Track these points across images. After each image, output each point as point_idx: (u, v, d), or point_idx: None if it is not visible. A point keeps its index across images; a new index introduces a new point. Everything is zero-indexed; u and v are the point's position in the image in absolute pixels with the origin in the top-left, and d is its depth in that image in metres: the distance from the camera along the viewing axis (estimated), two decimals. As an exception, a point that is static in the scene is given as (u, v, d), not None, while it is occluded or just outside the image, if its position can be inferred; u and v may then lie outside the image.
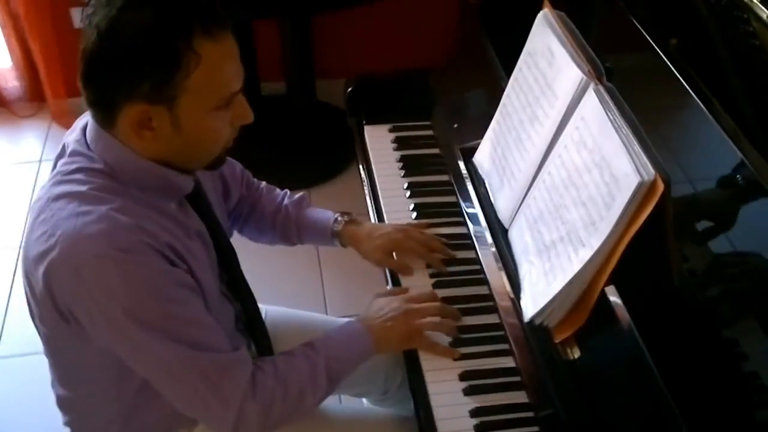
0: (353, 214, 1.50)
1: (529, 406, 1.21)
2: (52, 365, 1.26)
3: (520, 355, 1.26)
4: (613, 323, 1.10)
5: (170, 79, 1.01)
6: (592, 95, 1.17)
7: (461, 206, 1.53)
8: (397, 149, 1.72)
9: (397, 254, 1.44)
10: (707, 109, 1.13)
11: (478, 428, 1.18)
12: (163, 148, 1.08)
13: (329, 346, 1.23)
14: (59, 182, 1.09)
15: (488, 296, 1.37)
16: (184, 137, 1.07)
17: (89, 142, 1.10)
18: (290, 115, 3.00)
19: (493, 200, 1.42)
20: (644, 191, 1.02)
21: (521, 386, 1.23)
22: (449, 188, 1.60)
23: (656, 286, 1.10)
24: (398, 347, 1.29)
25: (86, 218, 1.03)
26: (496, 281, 1.35)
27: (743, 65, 1.20)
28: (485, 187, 1.47)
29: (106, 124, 1.08)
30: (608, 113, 1.13)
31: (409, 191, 1.60)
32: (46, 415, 2.03)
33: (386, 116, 1.81)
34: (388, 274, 1.47)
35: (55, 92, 2.93)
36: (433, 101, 1.81)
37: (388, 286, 1.44)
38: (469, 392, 1.23)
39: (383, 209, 1.57)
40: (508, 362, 1.27)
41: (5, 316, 2.35)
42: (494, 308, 1.35)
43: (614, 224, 1.06)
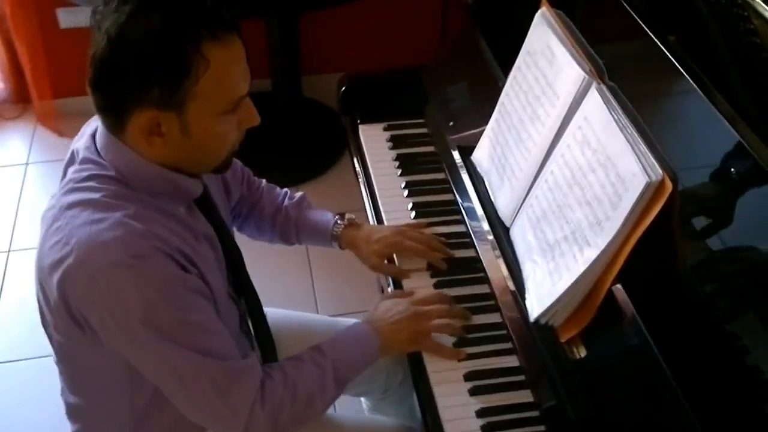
0: (354, 217, 1.49)
1: (534, 405, 1.21)
2: (63, 373, 1.25)
3: (524, 354, 1.26)
4: (619, 322, 1.11)
5: (180, 84, 1.01)
6: (594, 94, 1.17)
7: (459, 204, 1.53)
8: (392, 148, 1.71)
9: (397, 256, 1.43)
10: (704, 93, 1.13)
11: (485, 429, 1.18)
12: (172, 153, 1.08)
13: (336, 349, 1.22)
14: (72, 190, 1.09)
15: (489, 295, 1.37)
16: (192, 142, 1.07)
17: (100, 148, 1.10)
18: (276, 112, 2.99)
19: (493, 198, 1.42)
20: (652, 191, 1.03)
21: (526, 385, 1.23)
22: (446, 186, 1.60)
23: (663, 283, 1.10)
24: (405, 349, 1.29)
25: (100, 225, 1.03)
26: (497, 280, 1.35)
27: (744, 63, 1.20)
28: (485, 185, 1.46)
29: (115, 129, 1.08)
30: (612, 113, 1.13)
31: (406, 190, 1.60)
32: (37, 420, 2.05)
33: (380, 115, 1.80)
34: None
35: (40, 93, 2.89)
36: (426, 99, 1.81)
37: (389, 288, 1.44)
38: (474, 392, 1.23)
39: (381, 209, 1.57)
40: (512, 361, 1.27)
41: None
42: (496, 307, 1.35)
43: (621, 224, 1.06)
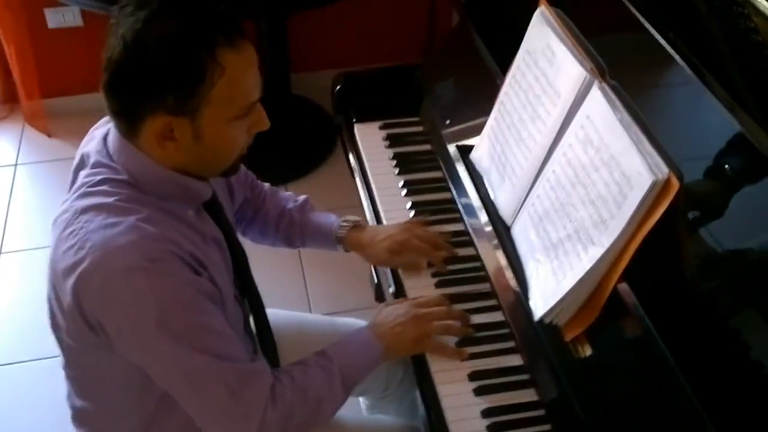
0: (359, 219, 1.49)
1: (539, 404, 1.21)
2: (71, 377, 1.25)
3: (527, 352, 1.26)
4: (624, 320, 1.11)
5: (195, 91, 1.02)
6: (597, 93, 1.17)
7: (458, 203, 1.53)
8: (389, 147, 1.71)
9: (402, 254, 1.43)
10: (703, 82, 1.13)
11: (490, 429, 1.18)
12: (183, 157, 1.09)
13: (341, 354, 1.23)
14: (84, 195, 1.09)
15: (490, 294, 1.37)
16: (204, 146, 1.08)
17: (112, 152, 1.11)
18: (265, 109, 2.97)
19: (493, 197, 1.42)
20: (658, 189, 1.03)
21: (530, 384, 1.24)
22: (444, 185, 1.60)
23: (669, 281, 1.10)
24: (408, 352, 1.29)
25: (115, 229, 1.03)
26: (498, 278, 1.35)
27: (744, 60, 1.21)
28: (484, 183, 1.46)
29: (129, 134, 1.09)
30: (615, 111, 1.13)
31: (405, 189, 1.60)
32: (32, 424, 2.04)
33: (375, 113, 1.80)
34: (389, 274, 1.46)
35: (29, 93, 2.87)
36: (421, 96, 1.80)
37: (391, 288, 1.43)
38: (479, 392, 1.23)
39: (380, 208, 1.57)
40: (515, 360, 1.28)
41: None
42: (498, 306, 1.35)
43: (626, 222, 1.06)
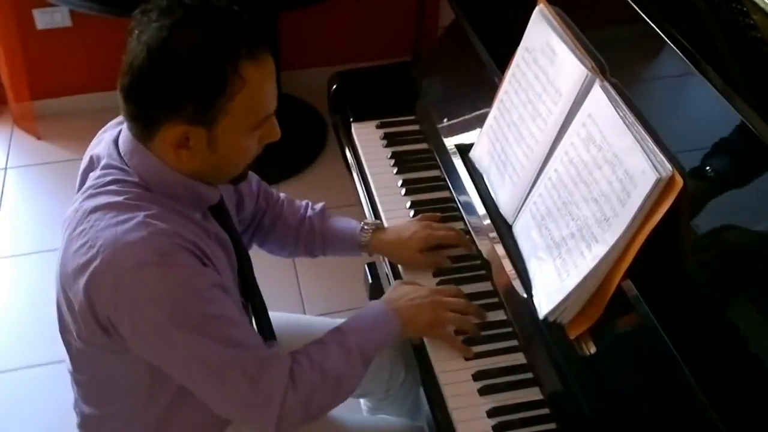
0: (379, 222, 1.49)
1: (545, 402, 1.21)
2: (79, 383, 1.25)
3: (531, 351, 1.27)
4: (629, 317, 1.11)
5: (214, 102, 1.03)
6: (598, 91, 1.17)
7: (457, 201, 1.53)
8: (387, 146, 1.71)
9: (430, 252, 1.43)
10: (701, 72, 1.13)
11: (496, 428, 1.18)
12: (195, 164, 1.10)
13: (358, 329, 1.23)
14: (93, 195, 1.10)
15: (492, 292, 1.37)
16: (217, 155, 1.09)
17: (123, 154, 1.11)
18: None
19: (494, 196, 1.42)
20: (661, 187, 1.03)
21: (535, 383, 1.24)
22: (443, 184, 1.60)
23: (672, 278, 1.10)
24: (421, 333, 1.29)
25: (125, 226, 1.04)
26: (500, 277, 1.35)
27: (743, 56, 1.21)
28: (484, 182, 1.46)
29: (143, 138, 1.09)
30: (617, 109, 1.13)
31: (404, 188, 1.60)
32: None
33: (371, 112, 1.79)
34: (388, 269, 1.47)
35: (17, 95, 2.84)
36: (416, 95, 1.80)
37: (394, 281, 1.42)
38: (484, 392, 1.23)
39: (380, 208, 1.57)
40: (519, 359, 1.28)
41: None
42: (500, 304, 1.35)
43: (630, 220, 1.07)
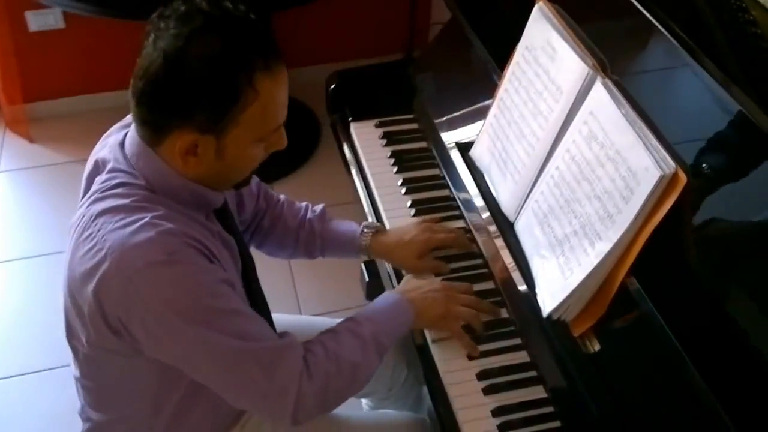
0: (380, 224, 1.49)
1: (549, 400, 1.21)
2: (86, 389, 1.24)
3: (534, 349, 1.27)
4: (633, 314, 1.11)
5: (226, 113, 1.03)
6: (600, 89, 1.17)
7: (457, 200, 1.53)
8: (386, 145, 1.71)
9: (428, 256, 1.43)
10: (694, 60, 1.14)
11: (501, 427, 1.18)
12: (202, 170, 1.11)
13: (372, 319, 1.23)
14: (99, 199, 1.09)
15: (494, 291, 1.37)
16: (224, 163, 1.10)
17: (130, 156, 1.11)
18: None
19: (495, 194, 1.42)
20: (665, 184, 1.03)
21: (539, 381, 1.24)
22: (443, 182, 1.60)
23: (676, 275, 1.10)
24: (433, 325, 1.30)
25: (132, 228, 1.04)
26: (502, 275, 1.35)
27: (743, 53, 1.21)
28: (485, 180, 1.46)
29: (152, 142, 1.09)
30: (619, 107, 1.13)
31: (404, 188, 1.59)
32: None
33: (370, 112, 1.79)
34: (390, 268, 1.47)
35: (10, 98, 2.82)
36: (413, 93, 1.80)
37: (396, 280, 1.43)
38: (488, 391, 1.23)
39: (380, 207, 1.56)
40: (522, 357, 1.28)
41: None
42: (502, 303, 1.35)
43: (634, 217, 1.07)
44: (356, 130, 1.74)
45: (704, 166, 1.13)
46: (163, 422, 1.22)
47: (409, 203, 1.56)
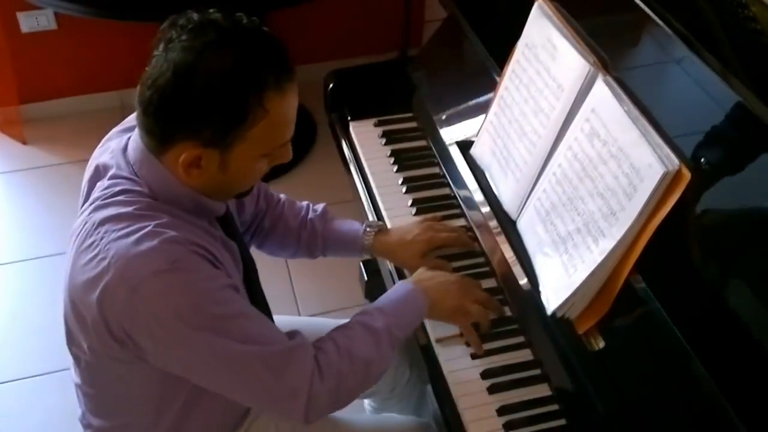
0: (382, 223, 1.49)
1: (554, 398, 1.21)
2: (87, 395, 1.24)
3: (539, 347, 1.27)
4: (637, 311, 1.11)
5: (233, 129, 1.02)
6: (601, 86, 1.17)
7: (458, 198, 1.53)
8: (386, 144, 1.70)
9: (430, 255, 1.43)
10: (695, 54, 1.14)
11: (506, 426, 1.18)
12: (203, 182, 1.10)
13: (385, 309, 1.23)
14: (101, 206, 1.08)
15: (497, 289, 1.37)
16: (226, 177, 1.09)
17: (133, 162, 1.10)
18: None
19: (496, 192, 1.42)
20: (668, 180, 1.04)
21: (543, 379, 1.24)
22: (443, 181, 1.60)
23: (681, 271, 1.10)
24: (445, 316, 1.29)
25: (135, 236, 1.03)
26: (505, 273, 1.35)
27: (743, 49, 1.21)
28: (486, 179, 1.46)
29: (156, 151, 1.08)
30: (621, 104, 1.13)
31: (404, 187, 1.59)
32: None
33: (369, 110, 1.79)
34: (391, 266, 1.47)
35: (4, 100, 2.81)
36: (412, 91, 1.80)
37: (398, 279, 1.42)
38: (493, 390, 1.23)
39: (381, 206, 1.56)
40: (526, 355, 1.28)
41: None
42: (505, 301, 1.35)
43: (637, 214, 1.07)
44: (355, 129, 1.74)
45: (702, 161, 1.13)
46: (164, 429, 1.21)
47: (410, 202, 1.56)
